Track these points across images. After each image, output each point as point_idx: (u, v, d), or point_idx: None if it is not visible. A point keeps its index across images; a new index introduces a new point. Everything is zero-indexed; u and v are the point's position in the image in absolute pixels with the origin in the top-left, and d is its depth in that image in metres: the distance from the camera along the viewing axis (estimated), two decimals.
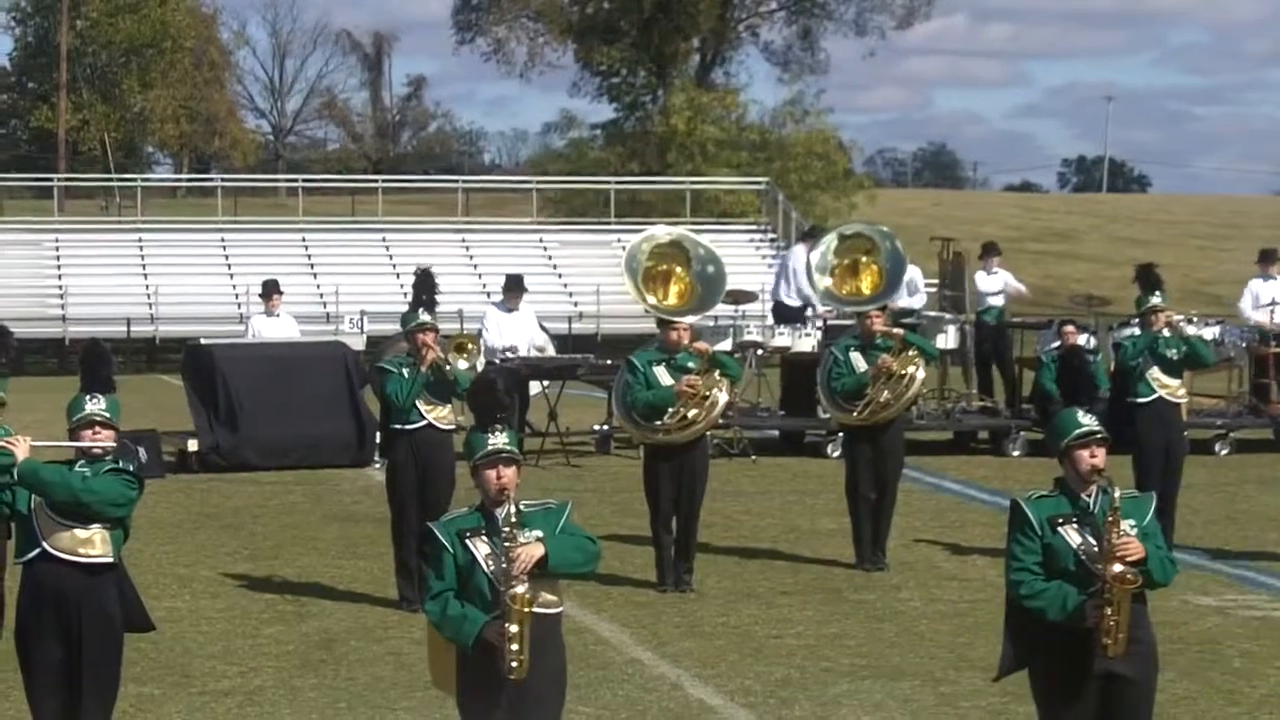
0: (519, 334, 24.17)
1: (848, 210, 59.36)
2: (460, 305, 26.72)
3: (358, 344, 27.08)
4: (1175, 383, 16.87)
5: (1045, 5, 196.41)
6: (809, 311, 27.38)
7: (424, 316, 14.77)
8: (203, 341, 24.98)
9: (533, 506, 8.29)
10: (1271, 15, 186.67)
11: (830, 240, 18.45)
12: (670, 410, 15.26)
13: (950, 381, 26.22)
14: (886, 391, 16.39)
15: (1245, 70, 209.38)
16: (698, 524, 15.74)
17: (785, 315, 25.94)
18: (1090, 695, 8.37)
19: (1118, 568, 8.23)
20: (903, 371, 16.45)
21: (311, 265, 47.27)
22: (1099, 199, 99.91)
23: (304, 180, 59.43)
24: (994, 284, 27.00)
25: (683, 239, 16.85)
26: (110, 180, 60.57)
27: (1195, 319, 23.20)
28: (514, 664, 8.02)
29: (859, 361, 16.50)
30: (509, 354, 23.54)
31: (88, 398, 9.46)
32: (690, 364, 15.39)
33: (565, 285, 47.21)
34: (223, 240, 48.71)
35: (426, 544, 8.36)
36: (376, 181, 58.77)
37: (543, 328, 25.64)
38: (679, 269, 16.50)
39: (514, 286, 24.34)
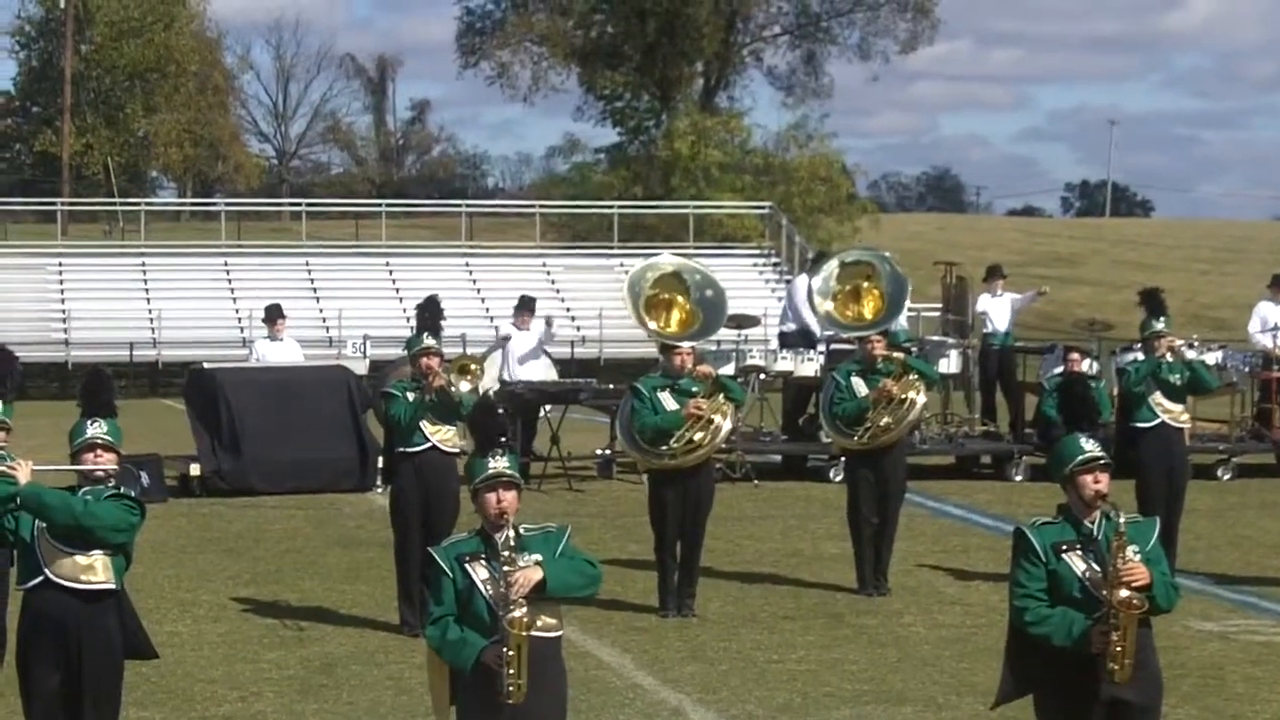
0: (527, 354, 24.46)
1: (851, 234, 59.40)
2: (464, 330, 26.81)
3: (361, 368, 27.12)
4: (1178, 408, 16.85)
5: (1050, 29, 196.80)
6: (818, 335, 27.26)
7: (429, 341, 14.80)
8: (206, 365, 25.01)
9: (532, 530, 8.29)
10: (1277, 40, 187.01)
11: (832, 266, 18.46)
12: (676, 435, 15.26)
13: (953, 406, 26.20)
14: (887, 416, 16.38)
15: (1250, 95, 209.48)
16: (701, 549, 15.73)
17: (787, 342, 25.90)
18: None
19: (1124, 593, 8.21)
20: (903, 396, 16.45)
21: (315, 289, 47.30)
22: (1102, 224, 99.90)
23: (307, 204, 59.53)
24: (1000, 307, 26.83)
25: (680, 269, 16.84)
26: (114, 204, 60.64)
27: (1197, 343, 23.20)
28: (511, 688, 8.01)
29: (860, 386, 16.49)
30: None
31: (89, 421, 9.47)
32: (694, 388, 15.40)
33: (569, 310, 47.21)
34: (226, 264, 48.75)
35: (427, 569, 8.34)
36: (380, 206, 58.80)
37: (545, 351, 25.66)
38: (680, 297, 16.53)
39: (524, 306, 24.57)
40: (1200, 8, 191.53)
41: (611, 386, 24.76)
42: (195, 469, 22.93)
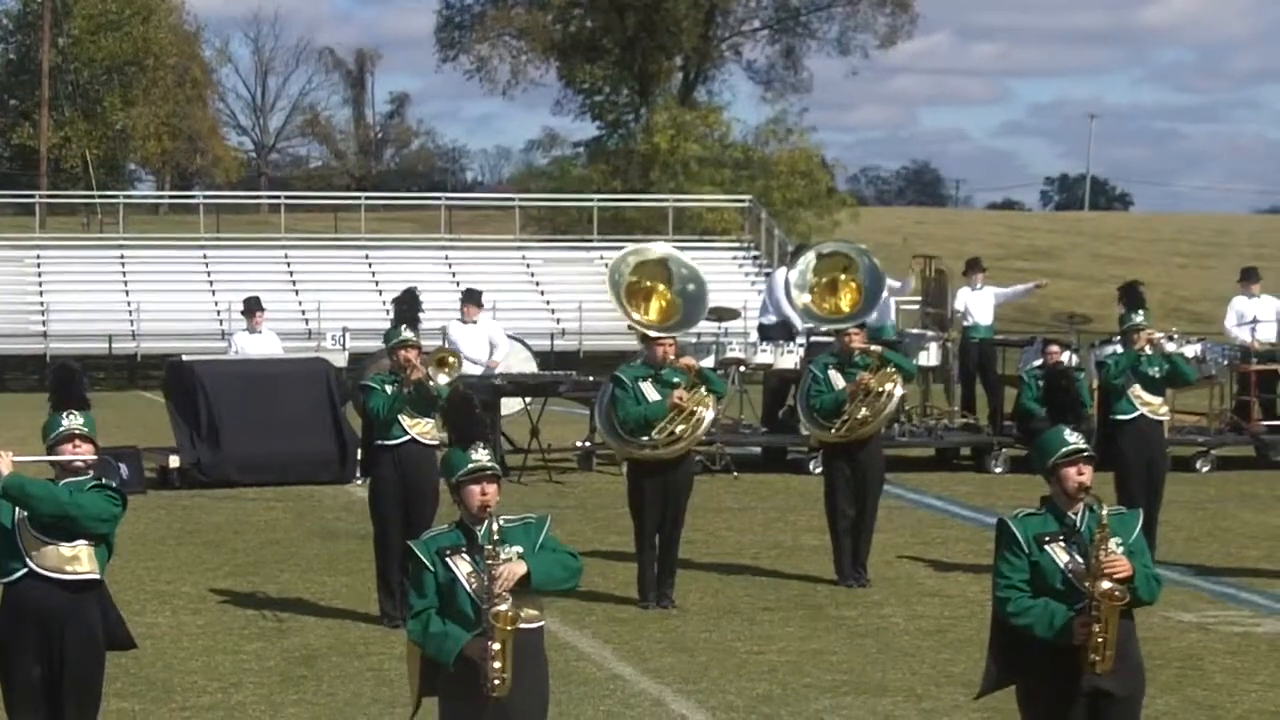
0: (473, 347, 23.90)
1: (830, 228, 59.40)
2: (443, 323, 26.58)
3: (340, 361, 27.04)
4: (1157, 400, 16.90)
5: (1030, 23, 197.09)
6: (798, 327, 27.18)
7: (407, 333, 14.78)
8: (184, 358, 24.94)
9: (512, 522, 8.26)
10: (1258, 34, 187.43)
11: (809, 258, 18.46)
12: (658, 426, 15.25)
13: (932, 399, 26.22)
14: (864, 409, 16.38)
15: (1231, 89, 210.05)
16: (680, 540, 15.73)
17: (766, 334, 25.90)
18: (1078, 713, 8.35)
19: (1106, 585, 8.22)
20: (880, 389, 16.45)
21: (294, 282, 47.24)
22: (1081, 217, 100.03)
23: (286, 197, 59.35)
24: (980, 301, 26.73)
25: (668, 258, 16.84)
26: (92, 197, 60.42)
27: (1176, 336, 23.27)
28: (496, 681, 8.00)
29: (837, 379, 16.49)
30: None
31: (64, 414, 9.43)
32: (676, 379, 15.40)
33: (548, 302, 47.23)
34: (205, 257, 48.68)
35: (407, 562, 8.32)
36: (359, 199, 58.70)
37: (525, 344, 25.60)
38: (661, 286, 16.53)
39: (470, 299, 24.20)
40: (1180, 1, 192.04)
41: (591, 379, 24.72)
42: (174, 461, 22.89)
